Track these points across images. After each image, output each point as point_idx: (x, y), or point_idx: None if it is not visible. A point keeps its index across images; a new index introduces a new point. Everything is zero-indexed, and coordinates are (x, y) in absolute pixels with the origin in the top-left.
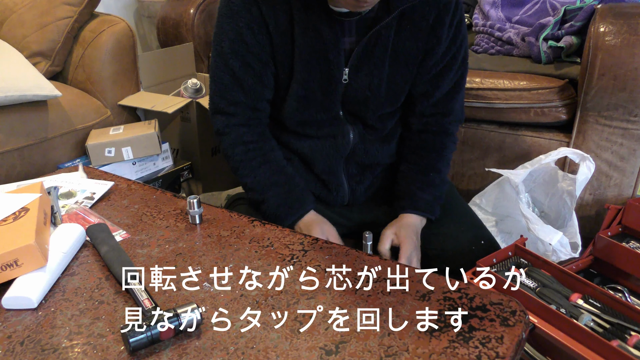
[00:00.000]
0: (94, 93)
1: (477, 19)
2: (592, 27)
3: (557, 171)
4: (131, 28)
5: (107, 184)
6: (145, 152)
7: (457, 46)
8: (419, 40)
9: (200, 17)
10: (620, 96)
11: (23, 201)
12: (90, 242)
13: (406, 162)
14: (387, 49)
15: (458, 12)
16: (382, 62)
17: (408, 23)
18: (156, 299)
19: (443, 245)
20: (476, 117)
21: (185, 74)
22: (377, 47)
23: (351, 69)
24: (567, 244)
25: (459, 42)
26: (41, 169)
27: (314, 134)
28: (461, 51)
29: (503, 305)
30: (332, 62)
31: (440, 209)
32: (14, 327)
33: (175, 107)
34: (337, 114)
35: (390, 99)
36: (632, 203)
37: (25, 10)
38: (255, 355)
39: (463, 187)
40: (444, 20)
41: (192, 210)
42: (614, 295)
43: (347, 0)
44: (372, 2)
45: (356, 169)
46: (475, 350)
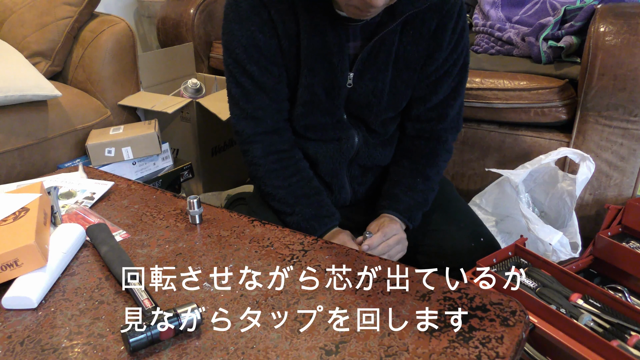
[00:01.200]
0: (94, 93)
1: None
2: (592, 27)
3: (557, 171)
4: (131, 28)
5: (107, 184)
6: (145, 152)
7: (458, 53)
8: (421, 45)
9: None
10: (620, 96)
11: (23, 201)
12: (90, 242)
13: (395, 165)
14: (391, 54)
15: (461, 19)
16: (386, 67)
17: (411, 29)
18: (156, 299)
19: (442, 242)
20: (476, 117)
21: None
22: (381, 52)
23: (355, 73)
24: (567, 244)
25: (460, 48)
26: (41, 169)
27: (319, 138)
28: (462, 58)
29: (503, 305)
30: (337, 67)
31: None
32: (14, 327)
33: (175, 107)
34: (340, 118)
35: (392, 103)
36: (632, 203)
37: (25, 10)
38: (255, 355)
39: (463, 187)
40: (446, 26)
41: (192, 210)
42: (614, 295)
43: (350, 9)
44: (376, 11)
45: (358, 171)
46: (475, 350)
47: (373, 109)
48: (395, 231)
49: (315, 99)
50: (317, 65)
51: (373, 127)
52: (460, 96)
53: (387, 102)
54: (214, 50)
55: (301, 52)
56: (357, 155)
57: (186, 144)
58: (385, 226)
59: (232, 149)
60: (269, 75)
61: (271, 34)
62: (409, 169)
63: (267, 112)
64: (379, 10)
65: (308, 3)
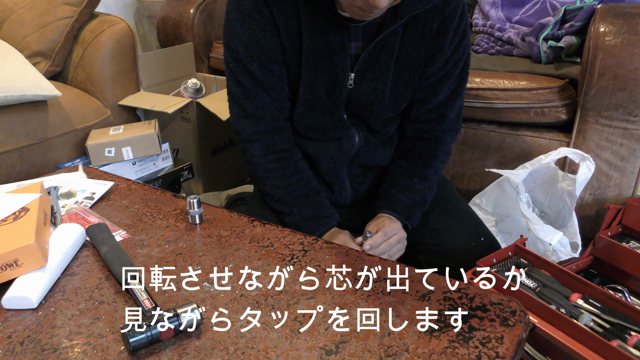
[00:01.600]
0: (94, 93)
1: (477, 19)
2: (592, 27)
3: (557, 171)
4: (131, 28)
5: (107, 184)
6: (145, 152)
7: (459, 54)
8: (423, 47)
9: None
10: (620, 96)
11: (23, 201)
12: (90, 242)
13: (393, 165)
14: (392, 55)
15: (463, 21)
16: (387, 67)
17: (413, 30)
18: (156, 299)
19: (442, 241)
20: (476, 117)
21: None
22: (383, 53)
23: (357, 74)
24: (567, 244)
25: (461, 50)
26: (41, 169)
27: (320, 137)
28: (463, 60)
29: (503, 305)
30: (338, 66)
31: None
32: (14, 327)
33: (175, 107)
34: (341, 117)
35: (393, 104)
36: (632, 203)
37: (25, 10)
38: (255, 355)
39: (463, 187)
40: (448, 28)
41: (192, 210)
42: (614, 295)
43: (353, 9)
44: (380, 12)
45: (359, 170)
46: (475, 350)
47: (373, 109)
48: (395, 230)
49: (316, 98)
50: (318, 65)
51: (373, 127)
52: (460, 98)
53: (387, 103)
54: (214, 50)
55: (303, 50)
56: (357, 155)
57: (186, 144)
58: (385, 225)
59: (232, 149)
60: (269, 74)
61: (273, 33)
62: (406, 169)
63: (267, 110)
64: (382, 12)
65: (310, 2)
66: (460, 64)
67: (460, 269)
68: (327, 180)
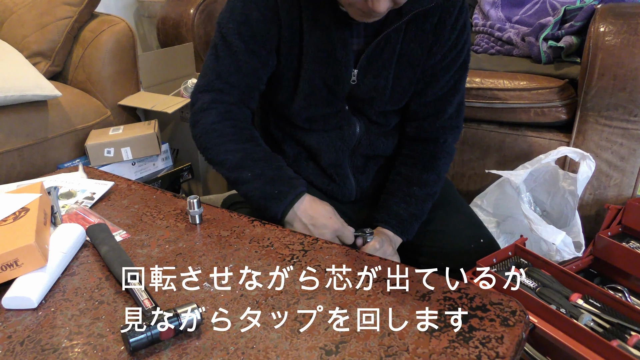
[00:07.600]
0: (94, 93)
1: (477, 19)
2: (592, 27)
3: (558, 170)
4: (131, 28)
5: (107, 184)
6: (144, 152)
7: (458, 50)
8: (423, 42)
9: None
10: (620, 96)
11: (23, 201)
12: (90, 242)
13: (394, 171)
14: (394, 51)
15: (462, 16)
16: (390, 64)
17: (414, 26)
18: (156, 299)
19: (442, 243)
20: (476, 117)
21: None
22: (385, 50)
23: (360, 70)
24: (571, 244)
25: (460, 46)
26: (41, 169)
27: (321, 128)
28: (462, 55)
29: (503, 305)
30: (341, 62)
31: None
32: (14, 327)
33: (175, 107)
34: (342, 108)
35: (394, 99)
36: (632, 203)
37: (25, 10)
38: (255, 355)
39: (463, 187)
40: (445, 22)
41: (192, 210)
42: (614, 295)
43: (355, 11)
44: (380, 16)
45: (361, 160)
46: (475, 350)
47: (374, 104)
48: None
49: (317, 92)
50: (319, 59)
51: (373, 118)
52: (459, 93)
53: (388, 98)
54: None
55: (303, 44)
56: (359, 144)
57: (186, 144)
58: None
59: None
60: (254, 57)
61: (272, 21)
62: (405, 176)
63: (235, 90)
64: (382, 15)
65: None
66: (458, 60)
67: (460, 270)
68: (329, 173)
